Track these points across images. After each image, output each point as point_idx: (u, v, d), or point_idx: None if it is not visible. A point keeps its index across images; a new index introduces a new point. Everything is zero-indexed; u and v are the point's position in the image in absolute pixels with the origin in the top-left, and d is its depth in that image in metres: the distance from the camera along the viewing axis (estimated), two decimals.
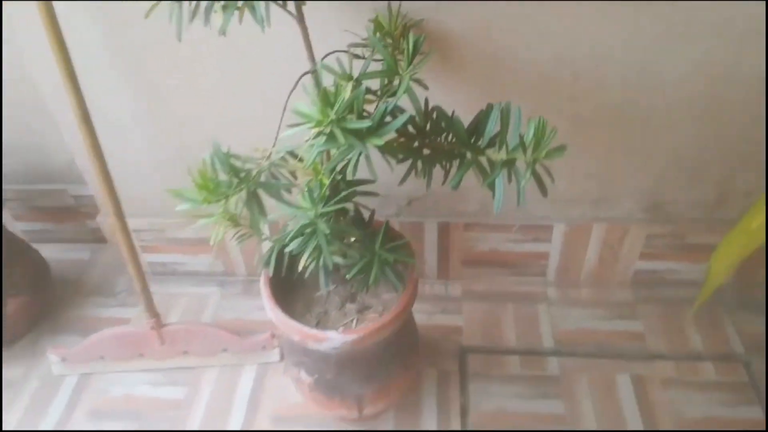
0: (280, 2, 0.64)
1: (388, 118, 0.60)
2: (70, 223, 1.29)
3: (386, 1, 0.77)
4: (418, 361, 0.96)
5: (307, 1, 0.64)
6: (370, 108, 0.64)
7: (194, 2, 0.63)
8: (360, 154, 0.60)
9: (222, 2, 0.60)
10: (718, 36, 0.83)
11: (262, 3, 0.57)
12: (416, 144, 0.65)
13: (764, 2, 0.79)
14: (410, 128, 0.63)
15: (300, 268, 0.76)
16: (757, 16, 0.81)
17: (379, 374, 0.87)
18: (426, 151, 0.65)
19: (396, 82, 0.62)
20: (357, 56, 0.74)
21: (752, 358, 1.05)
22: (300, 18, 0.63)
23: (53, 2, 0.75)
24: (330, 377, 0.85)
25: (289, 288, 0.87)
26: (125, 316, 1.18)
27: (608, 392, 1.01)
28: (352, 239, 0.81)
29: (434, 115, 0.63)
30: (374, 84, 0.66)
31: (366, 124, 0.54)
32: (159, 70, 0.93)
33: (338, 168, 0.72)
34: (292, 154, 0.62)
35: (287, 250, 0.74)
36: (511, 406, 0.99)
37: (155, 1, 0.63)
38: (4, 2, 0.90)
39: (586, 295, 1.17)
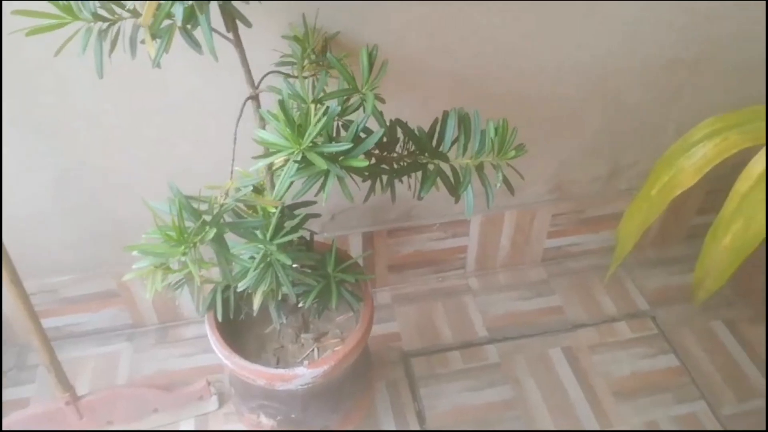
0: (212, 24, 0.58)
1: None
2: None
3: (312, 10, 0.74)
4: (373, 377, 0.94)
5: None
6: None
7: (111, 29, 0.56)
8: (325, 179, 0.57)
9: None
10: (610, 33, 0.91)
11: (203, 26, 0.51)
12: (373, 160, 0.63)
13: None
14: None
15: (256, 305, 0.71)
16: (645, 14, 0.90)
17: (344, 401, 0.83)
18: (385, 166, 0.64)
19: (353, 100, 0.59)
20: (288, 75, 0.71)
21: (656, 311, 1.16)
22: (237, 42, 0.58)
23: None
24: (295, 416, 0.80)
25: (233, 329, 0.80)
26: (21, 395, 1.02)
27: (545, 368, 1.06)
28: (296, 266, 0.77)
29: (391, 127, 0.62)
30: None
31: (345, 146, 0.51)
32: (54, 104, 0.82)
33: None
34: (257, 188, 0.57)
35: (241, 287, 0.68)
36: (463, 401, 1.01)
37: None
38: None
39: (504, 279, 1.23)
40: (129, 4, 0.55)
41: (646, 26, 0.92)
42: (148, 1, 0.45)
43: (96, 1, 0.53)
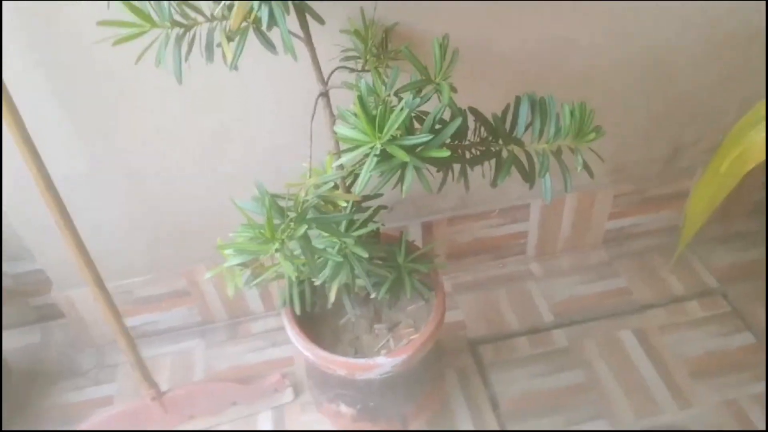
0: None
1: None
2: (11, 306, 1.14)
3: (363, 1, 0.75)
4: (443, 365, 0.95)
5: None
6: None
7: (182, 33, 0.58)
8: (402, 171, 0.58)
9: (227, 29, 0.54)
10: (664, 10, 0.89)
11: (281, 26, 0.52)
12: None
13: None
14: None
15: (331, 297, 0.72)
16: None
17: (420, 388, 0.84)
18: (456, 154, 0.64)
19: (425, 90, 0.60)
20: (353, 69, 0.71)
21: (727, 289, 1.13)
22: (308, 39, 0.59)
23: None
24: (374, 404, 0.82)
25: (308, 322, 0.82)
26: (104, 394, 1.06)
27: (617, 350, 1.05)
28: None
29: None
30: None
31: (425, 138, 0.52)
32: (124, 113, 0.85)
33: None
34: (336, 184, 0.58)
35: (320, 280, 0.70)
36: (535, 386, 1.01)
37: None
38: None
39: (566, 263, 1.21)
40: (205, 5, 0.57)
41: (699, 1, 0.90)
42: (238, 2, 0.46)
43: (173, 1, 0.54)
